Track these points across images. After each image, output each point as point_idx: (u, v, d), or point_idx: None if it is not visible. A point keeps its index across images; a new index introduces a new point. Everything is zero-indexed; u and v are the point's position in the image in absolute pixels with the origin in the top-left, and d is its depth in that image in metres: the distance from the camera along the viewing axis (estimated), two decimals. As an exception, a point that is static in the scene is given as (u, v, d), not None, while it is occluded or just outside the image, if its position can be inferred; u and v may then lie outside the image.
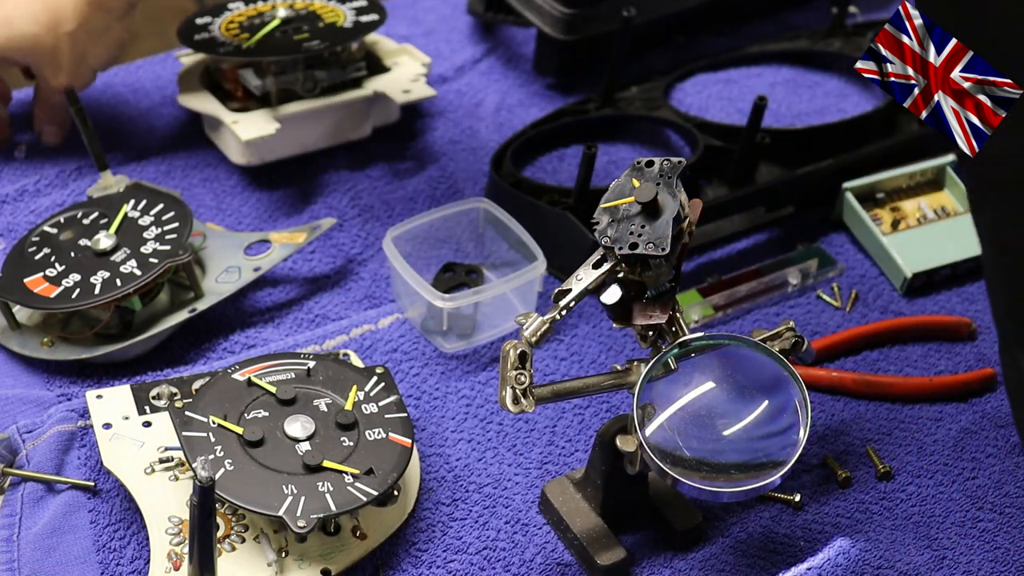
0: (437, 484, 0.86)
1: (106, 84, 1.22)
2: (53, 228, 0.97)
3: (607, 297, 0.75)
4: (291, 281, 1.02)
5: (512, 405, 0.73)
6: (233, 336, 0.96)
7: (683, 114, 1.15)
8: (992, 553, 0.83)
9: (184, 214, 0.96)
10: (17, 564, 0.79)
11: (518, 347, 0.73)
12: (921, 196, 1.08)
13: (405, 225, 0.98)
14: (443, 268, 1.02)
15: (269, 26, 1.09)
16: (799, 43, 1.27)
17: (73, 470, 0.85)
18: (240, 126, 1.04)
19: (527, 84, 1.23)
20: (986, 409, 0.92)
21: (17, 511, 0.82)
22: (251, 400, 0.82)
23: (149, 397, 0.86)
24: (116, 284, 0.90)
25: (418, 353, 0.95)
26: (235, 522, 0.79)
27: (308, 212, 1.08)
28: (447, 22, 1.31)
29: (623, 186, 0.74)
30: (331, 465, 0.78)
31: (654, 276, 0.74)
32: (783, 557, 0.83)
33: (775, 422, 0.79)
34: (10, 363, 0.93)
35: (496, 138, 1.16)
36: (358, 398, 0.84)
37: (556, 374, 0.95)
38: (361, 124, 1.12)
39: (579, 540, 0.81)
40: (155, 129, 1.16)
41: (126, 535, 0.81)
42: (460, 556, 0.82)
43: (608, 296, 0.75)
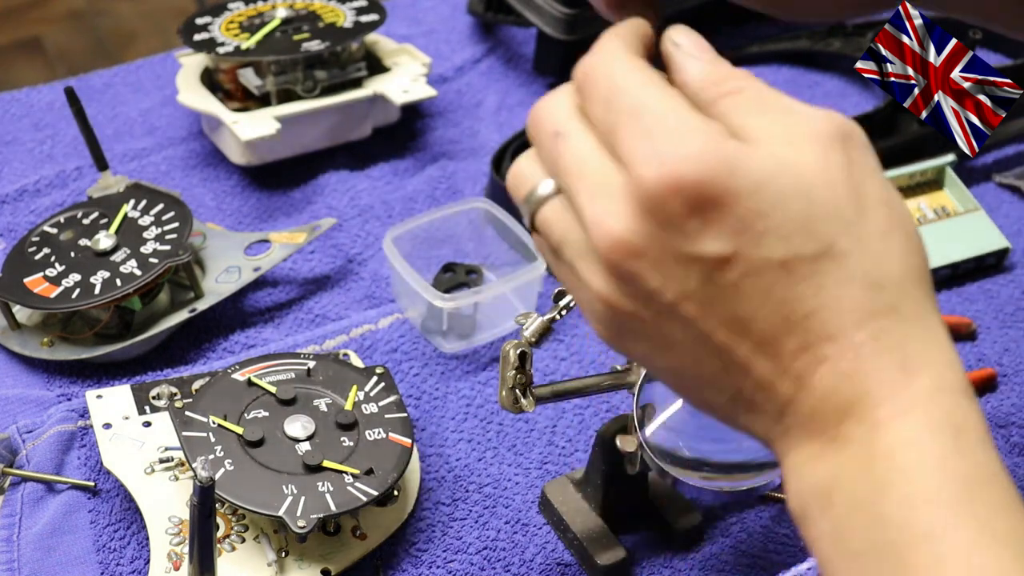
0: (437, 484, 0.86)
1: (106, 84, 1.22)
2: (53, 228, 0.97)
3: (607, 297, 0.75)
4: (291, 281, 1.02)
5: (512, 405, 0.73)
6: (233, 336, 0.96)
7: (683, 114, 1.15)
8: (992, 553, 0.83)
9: (184, 214, 0.96)
10: (17, 564, 0.79)
11: (518, 347, 0.73)
12: (921, 196, 1.08)
13: (405, 225, 0.98)
14: (443, 268, 1.02)
15: (269, 26, 1.09)
16: (799, 43, 1.27)
17: (73, 470, 0.85)
18: (240, 126, 1.04)
19: (527, 84, 1.23)
20: (986, 409, 0.92)
21: (17, 511, 0.82)
22: (251, 400, 0.82)
23: (149, 397, 0.86)
24: (116, 284, 0.90)
25: (418, 353, 0.95)
26: (235, 522, 0.79)
27: (308, 212, 1.08)
28: (447, 22, 1.31)
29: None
30: (331, 465, 0.78)
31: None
32: (783, 557, 0.83)
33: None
34: (10, 363, 0.93)
35: (496, 138, 1.16)
36: (358, 398, 0.84)
37: (556, 374, 0.95)
38: (361, 124, 1.12)
39: (579, 540, 0.81)
40: (155, 129, 1.16)
41: (126, 535, 0.81)
42: (460, 556, 0.82)
43: (608, 296, 0.75)
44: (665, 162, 0.47)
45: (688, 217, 0.47)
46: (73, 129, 1.13)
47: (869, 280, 0.48)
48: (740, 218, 0.47)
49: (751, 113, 0.49)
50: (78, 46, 1.39)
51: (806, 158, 0.48)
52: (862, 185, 0.49)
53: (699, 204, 0.47)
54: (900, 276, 0.49)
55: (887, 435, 0.48)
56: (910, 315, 0.49)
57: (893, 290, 0.48)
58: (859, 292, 0.48)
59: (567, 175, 0.51)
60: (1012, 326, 0.98)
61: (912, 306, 0.49)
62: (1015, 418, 0.91)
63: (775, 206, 0.47)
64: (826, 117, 0.50)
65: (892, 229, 0.49)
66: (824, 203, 0.48)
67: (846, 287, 0.48)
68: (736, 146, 0.48)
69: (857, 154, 0.49)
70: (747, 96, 0.50)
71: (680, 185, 0.47)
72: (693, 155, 0.47)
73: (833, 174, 0.48)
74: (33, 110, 1.19)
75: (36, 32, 1.41)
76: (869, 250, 0.48)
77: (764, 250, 0.47)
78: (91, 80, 1.22)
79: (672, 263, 0.48)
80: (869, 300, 0.48)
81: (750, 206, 0.47)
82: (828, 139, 0.49)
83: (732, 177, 0.47)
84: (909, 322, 0.49)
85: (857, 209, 0.48)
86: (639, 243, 0.48)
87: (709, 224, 0.47)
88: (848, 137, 0.49)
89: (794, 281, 0.48)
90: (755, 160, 0.48)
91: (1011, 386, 0.93)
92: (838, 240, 0.48)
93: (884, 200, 0.49)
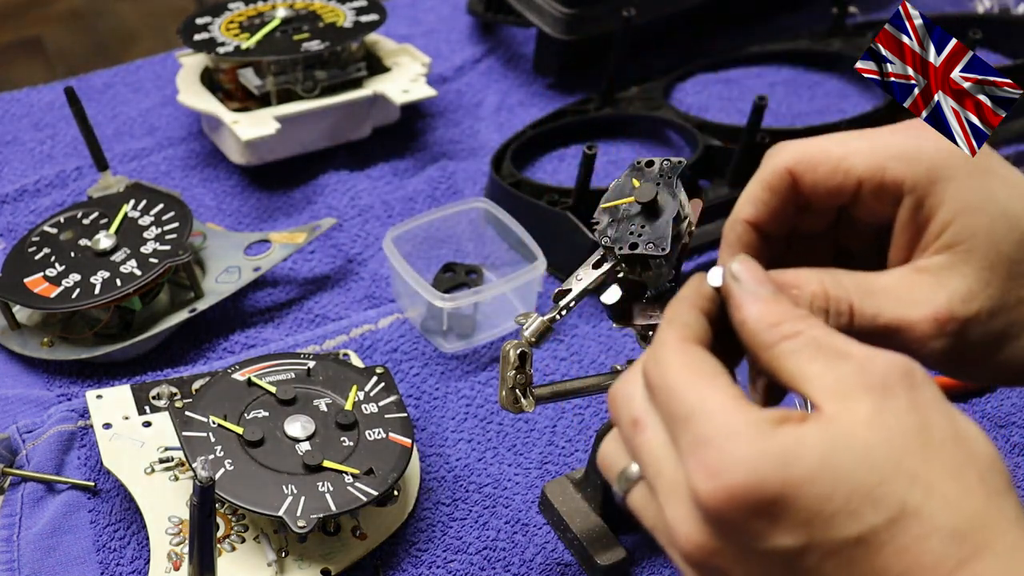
0: (437, 484, 0.86)
1: (106, 84, 1.22)
2: (53, 228, 0.97)
3: (607, 297, 0.75)
4: (291, 281, 1.02)
5: (512, 405, 0.73)
6: (233, 336, 0.96)
7: (683, 114, 1.15)
8: (992, 553, 0.83)
9: (184, 214, 0.96)
10: (17, 564, 0.79)
11: (518, 347, 0.73)
12: (921, 196, 1.07)
13: (405, 225, 0.98)
14: (443, 268, 1.02)
15: (269, 26, 1.09)
16: (799, 43, 1.27)
17: (73, 470, 0.85)
18: (240, 126, 1.04)
19: (527, 84, 1.23)
20: (986, 409, 0.92)
21: (17, 511, 0.82)
22: (251, 400, 0.82)
23: (149, 397, 0.86)
24: (116, 284, 0.90)
25: (418, 353, 0.95)
26: (235, 522, 0.79)
27: (308, 212, 1.08)
28: (447, 22, 1.31)
29: (623, 186, 0.74)
30: (331, 465, 0.78)
31: (654, 276, 0.74)
32: (783, 557, 0.83)
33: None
34: (10, 363, 0.93)
35: (496, 138, 1.16)
36: (358, 398, 0.84)
37: (556, 374, 0.95)
38: (361, 124, 1.12)
39: (579, 540, 0.81)
40: (155, 129, 1.16)
41: (126, 535, 0.81)
42: (460, 556, 0.82)
43: (608, 296, 0.75)
44: (716, 474, 0.47)
45: (752, 521, 0.47)
46: (73, 129, 1.13)
47: (949, 529, 0.46)
48: (804, 508, 0.46)
49: (806, 359, 0.49)
50: (78, 46, 1.39)
51: (860, 415, 0.47)
52: (925, 428, 0.48)
53: (759, 508, 0.47)
54: (983, 513, 0.47)
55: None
56: (1002, 550, 0.47)
57: (978, 531, 0.47)
58: (941, 545, 0.46)
59: (646, 469, 0.52)
60: (1012, 326, 0.98)
61: (1002, 539, 0.47)
62: (1015, 418, 0.91)
63: (836, 486, 0.46)
64: (883, 359, 0.48)
65: (964, 465, 0.47)
66: (885, 463, 0.47)
67: (927, 543, 0.46)
68: (784, 437, 0.47)
69: (917, 393, 0.48)
70: (803, 340, 0.49)
71: (734, 495, 0.47)
72: (742, 460, 0.46)
73: (891, 427, 0.47)
74: (33, 110, 1.19)
75: (36, 32, 1.40)
76: (943, 497, 0.47)
77: (836, 532, 0.46)
78: (91, 80, 1.23)
79: (751, 557, 0.48)
80: (955, 550, 0.46)
81: (811, 493, 0.46)
82: (883, 386, 0.48)
83: (786, 470, 0.46)
84: (1003, 557, 0.47)
85: (923, 456, 0.47)
86: (714, 545, 0.48)
87: (776, 522, 0.47)
88: (907, 376, 0.48)
89: (874, 553, 0.47)
90: (807, 446, 0.46)
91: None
92: (908, 498, 0.46)
93: (951, 436, 0.48)
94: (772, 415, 0.48)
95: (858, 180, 0.56)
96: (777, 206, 0.57)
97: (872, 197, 0.56)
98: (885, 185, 0.56)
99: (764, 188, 0.57)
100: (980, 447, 0.48)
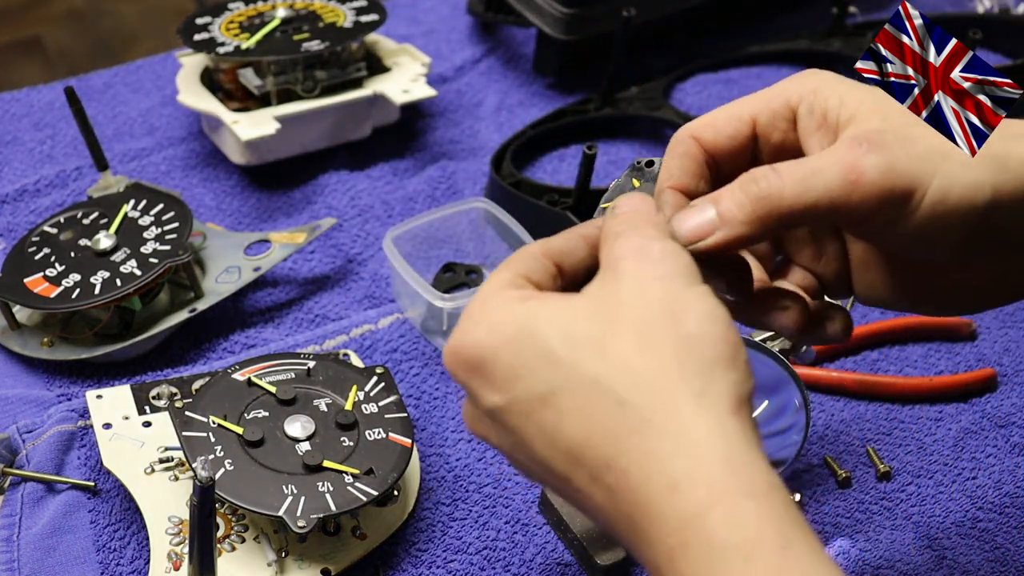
0: (437, 484, 0.86)
1: (106, 84, 1.22)
2: (53, 228, 0.97)
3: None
4: (291, 281, 1.02)
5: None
6: (233, 336, 0.96)
7: (683, 114, 1.15)
8: (992, 553, 0.83)
9: (184, 214, 0.96)
10: (17, 564, 0.79)
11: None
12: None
13: (405, 225, 0.98)
14: (443, 268, 1.02)
15: (269, 26, 1.09)
16: (799, 43, 1.27)
17: (73, 470, 0.85)
18: (240, 126, 1.04)
19: (527, 84, 1.23)
20: (986, 409, 0.92)
21: (17, 511, 0.82)
22: (251, 400, 0.82)
23: (149, 397, 0.86)
24: (116, 284, 0.90)
25: (418, 353, 0.95)
26: (235, 522, 0.79)
27: (308, 212, 1.08)
28: (447, 22, 1.31)
29: (623, 186, 0.74)
30: (331, 465, 0.78)
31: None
32: (783, 557, 0.82)
33: (775, 422, 0.79)
34: (10, 363, 0.93)
35: (496, 138, 1.16)
36: (358, 398, 0.84)
37: (556, 374, 0.95)
38: (361, 124, 1.12)
39: (579, 540, 0.81)
40: (155, 129, 1.16)
41: (126, 535, 0.81)
42: (460, 556, 0.82)
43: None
44: (452, 337, 0.54)
45: (471, 379, 0.53)
46: (73, 129, 1.13)
47: (622, 399, 0.49)
48: (503, 368, 0.52)
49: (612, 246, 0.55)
50: (78, 46, 1.39)
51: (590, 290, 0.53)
52: (636, 304, 0.51)
53: (468, 367, 0.53)
54: (664, 389, 0.49)
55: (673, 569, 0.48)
56: (673, 428, 0.48)
57: (653, 406, 0.49)
58: (613, 413, 0.49)
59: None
60: (1012, 326, 0.98)
61: (675, 418, 0.48)
62: (1015, 418, 0.91)
63: (525, 349, 0.51)
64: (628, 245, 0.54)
65: (664, 343, 0.50)
66: (579, 333, 0.51)
67: (599, 408, 0.49)
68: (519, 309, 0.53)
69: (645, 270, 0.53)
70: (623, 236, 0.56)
71: (452, 352, 0.54)
72: (469, 329, 0.53)
73: (602, 301, 0.52)
74: (33, 110, 1.19)
75: (36, 32, 1.40)
76: (627, 369, 0.49)
77: (523, 391, 0.51)
78: (91, 80, 1.22)
79: (485, 420, 0.54)
80: (625, 419, 0.49)
81: (506, 355, 0.52)
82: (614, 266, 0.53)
83: (490, 335, 0.52)
84: (670, 435, 0.48)
85: (617, 330, 0.50)
86: (467, 410, 0.56)
87: (485, 382, 0.52)
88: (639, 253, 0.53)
89: (556, 414, 0.50)
90: (515, 315, 0.52)
91: (1011, 386, 0.93)
92: (590, 365, 0.50)
93: (663, 313, 0.50)
94: (523, 293, 0.53)
95: (751, 119, 0.59)
96: (691, 168, 0.60)
97: (769, 128, 0.59)
98: (776, 111, 0.59)
99: (672, 157, 0.60)
100: (691, 328, 0.50)
